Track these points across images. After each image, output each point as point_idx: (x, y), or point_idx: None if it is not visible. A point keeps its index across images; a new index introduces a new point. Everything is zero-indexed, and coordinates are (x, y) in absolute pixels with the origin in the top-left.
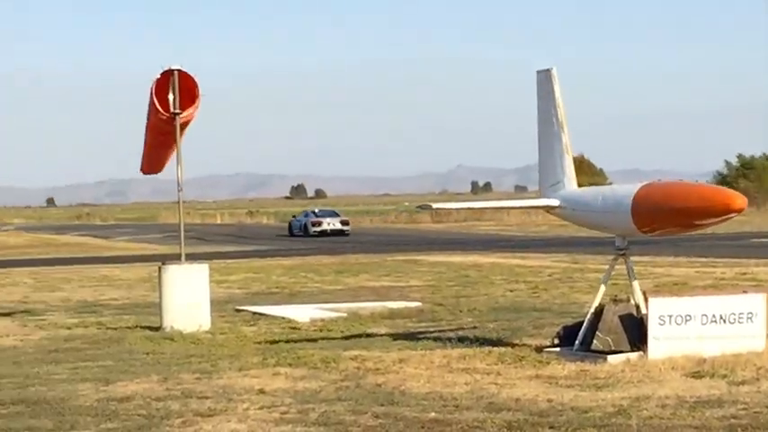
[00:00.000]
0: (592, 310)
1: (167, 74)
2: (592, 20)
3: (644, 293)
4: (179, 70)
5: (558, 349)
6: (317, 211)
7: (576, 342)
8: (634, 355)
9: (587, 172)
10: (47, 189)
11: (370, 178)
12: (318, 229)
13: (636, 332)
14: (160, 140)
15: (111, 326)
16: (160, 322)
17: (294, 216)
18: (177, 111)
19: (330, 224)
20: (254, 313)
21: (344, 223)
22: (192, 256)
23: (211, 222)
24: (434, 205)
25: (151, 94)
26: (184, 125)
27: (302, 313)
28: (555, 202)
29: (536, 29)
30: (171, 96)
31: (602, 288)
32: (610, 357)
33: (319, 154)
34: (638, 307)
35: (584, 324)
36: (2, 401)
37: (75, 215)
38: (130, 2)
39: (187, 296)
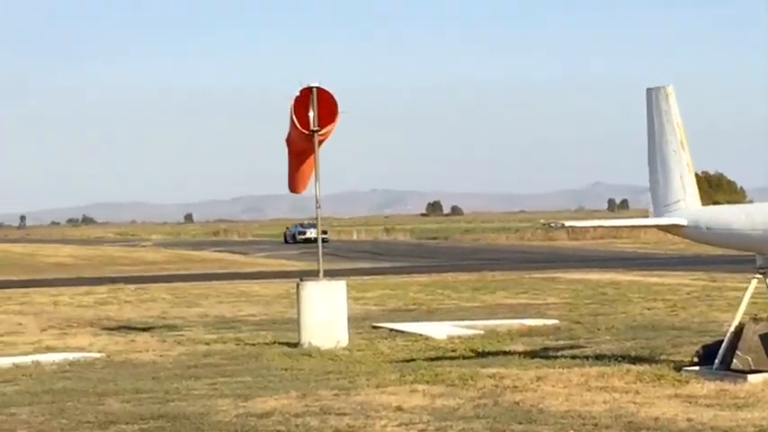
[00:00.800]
0: (732, 328)
1: (306, 91)
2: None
3: None
4: (318, 87)
5: (697, 368)
6: (304, 224)
7: (716, 361)
8: None
9: (726, 190)
10: (184, 205)
11: (506, 195)
12: (303, 237)
13: None
14: (300, 157)
15: (250, 342)
16: (298, 338)
17: (287, 228)
18: (316, 128)
19: (312, 233)
20: (392, 330)
21: (324, 233)
22: (329, 273)
23: (348, 239)
24: (567, 223)
25: (291, 111)
26: (320, 142)
27: (439, 330)
28: (681, 221)
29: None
30: (311, 113)
31: (743, 307)
32: (750, 377)
33: (455, 170)
34: None
35: (724, 343)
36: (142, 416)
37: (212, 231)
38: (269, 18)
39: (325, 313)
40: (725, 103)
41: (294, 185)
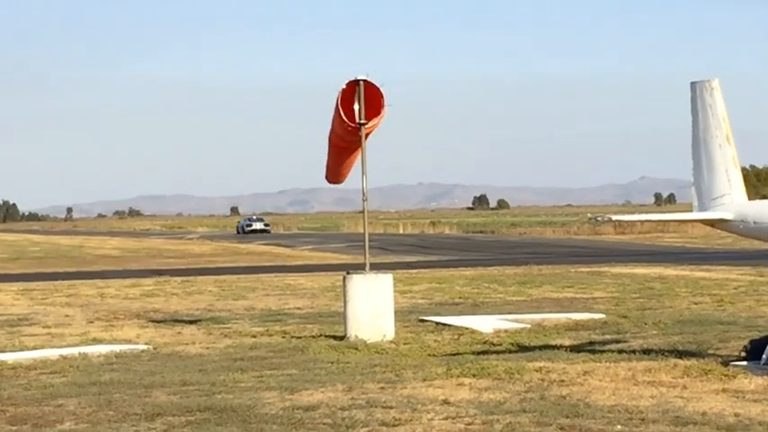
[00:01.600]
0: None
1: (353, 84)
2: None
3: None
4: (365, 80)
5: (744, 363)
6: (252, 218)
7: (764, 356)
8: None
9: None
10: (230, 198)
11: (552, 189)
12: (250, 228)
13: None
14: (343, 150)
15: (296, 335)
16: (344, 331)
17: (239, 222)
18: (363, 121)
19: (257, 226)
20: (438, 323)
21: (267, 225)
22: (376, 266)
23: (394, 232)
24: (614, 216)
25: (337, 104)
26: (366, 135)
27: (486, 324)
28: (727, 216)
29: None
30: (356, 106)
31: None
32: None
33: (502, 164)
34: None
35: None
36: (189, 408)
37: None
38: (317, 11)
39: (372, 306)
40: None
41: (335, 176)
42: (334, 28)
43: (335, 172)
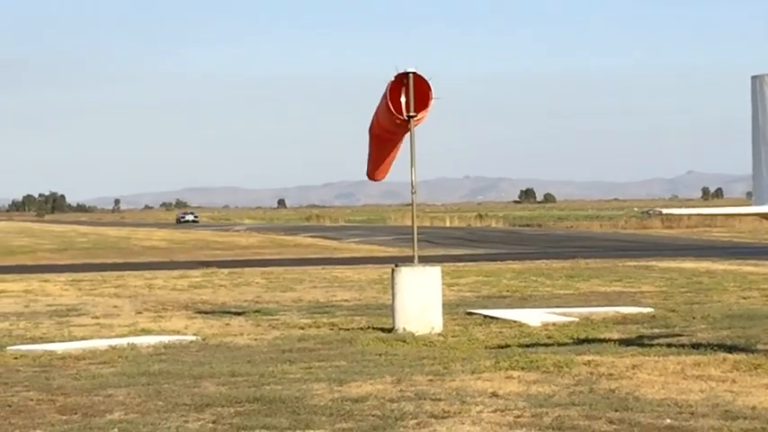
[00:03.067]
0: None
1: (401, 77)
2: None
3: None
4: (414, 73)
5: None
6: (187, 211)
7: None
8: None
9: None
10: (277, 190)
11: (599, 183)
12: (184, 219)
13: None
14: (387, 143)
15: (344, 327)
16: (392, 324)
17: (178, 214)
18: (412, 114)
19: (189, 218)
20: (486, 316)
21: (196, 217)
22: (423, 259)
23: (440, 225)
24: (665, 210)
25: (385, 96)
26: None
27: (534, 317)
28: None
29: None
30: (403, 99)
31: None
32: None
33: (548, 158)
34: None
35: None
36: (238, 399)
37: (304, 216)
38: (364, 3)
39: (420, 298)
40: None
41: (377, 171)
42: (378, 20)
43: (377, 167)
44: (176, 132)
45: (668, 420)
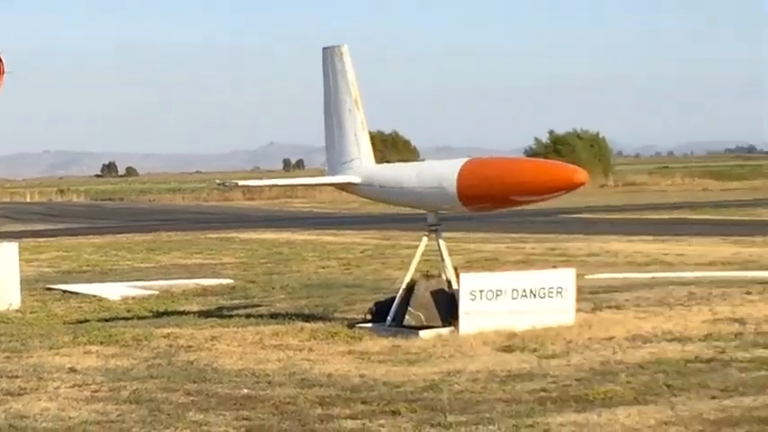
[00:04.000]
0: (403, 285)
1: None
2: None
3: (455, 269)
4: None
5: (370, 325)
6: None
7: (388, 318)
8: (446, 331)
9: (402, 149)
10: None
11: (182, 156)
12: None
13: (447, 307)
14: None
15: None
16: None
17: None
18: None
19: None
20: (65, 292)
21: None
22: (1, 235)
23: (20, 201)
24: (240, 182)
25: None
26: None
27: (113, 291)
28: (355, 179)
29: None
30: None
31: (414, 264)
32: (422, 333)
33: (131, 132)
34: (449, 282)
35: (396, 300)
36: None
37: None
38: None
39: None
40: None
41: None
42: None
43: None
44: None
45: (245, 390)
